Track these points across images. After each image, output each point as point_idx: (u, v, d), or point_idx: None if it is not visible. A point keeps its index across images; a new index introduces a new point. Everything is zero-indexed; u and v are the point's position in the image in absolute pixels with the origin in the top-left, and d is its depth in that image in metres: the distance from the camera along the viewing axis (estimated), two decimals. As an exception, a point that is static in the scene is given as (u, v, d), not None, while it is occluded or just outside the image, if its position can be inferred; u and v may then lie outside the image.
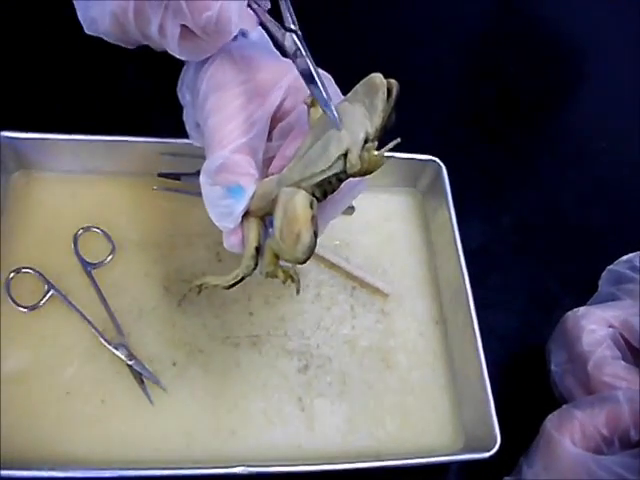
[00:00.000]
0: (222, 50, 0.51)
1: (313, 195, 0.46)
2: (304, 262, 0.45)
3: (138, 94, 0.81)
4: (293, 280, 0.51)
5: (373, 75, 0.46)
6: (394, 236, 0.75)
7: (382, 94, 0.45)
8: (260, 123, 0.50)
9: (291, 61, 0.48)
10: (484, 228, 0.79)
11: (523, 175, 0.89)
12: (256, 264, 0.49)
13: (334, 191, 0.47)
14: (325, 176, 0.45)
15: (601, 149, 0.94)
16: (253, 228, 0.49)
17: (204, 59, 0.51)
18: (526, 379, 0.70)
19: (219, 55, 0.51)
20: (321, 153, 0.46)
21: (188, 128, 0.57)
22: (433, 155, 0.75)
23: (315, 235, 0.45)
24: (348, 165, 0.45)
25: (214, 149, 0.49)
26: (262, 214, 0.49)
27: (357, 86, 0.47)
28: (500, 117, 0.94)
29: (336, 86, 0.51)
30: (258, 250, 0.49)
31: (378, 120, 0.45)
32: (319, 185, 0.46)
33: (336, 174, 0.46)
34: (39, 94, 0.78)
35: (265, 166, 0.51)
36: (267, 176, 0.50)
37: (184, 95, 0.55)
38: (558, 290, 0.78)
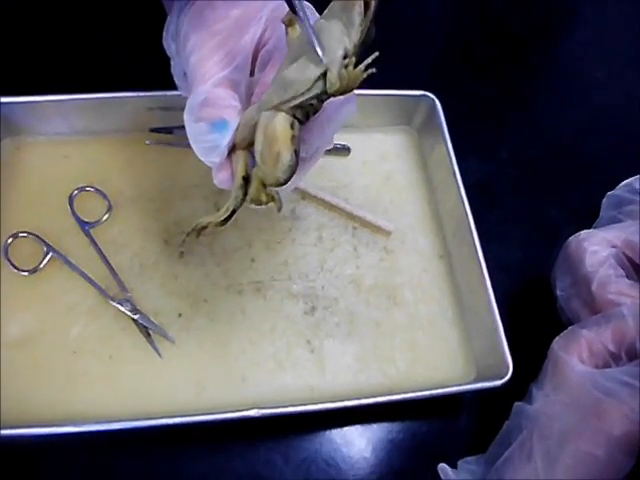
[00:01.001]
0: None
1: (294, 117, 0.45)
2: (285, 182, 0.44)
3: (123, 49, 0.80)
4: (274, 200, 0.49)
5: None
6: (392, 175, 0.75)
7: (359, 7, 0.43)
8: (240, 56, 0.49)
9: None
10: (481, 163, 0.79)
11: (518, 109, 0.88)
12: (245, 194, 0.48)
13: (317, 112, 0.46)
14: (305, 98, 0.44)
15: (595, 79, 0.93)
16: (240, 160, 0.48)
17: (185, 2, 0.50)
18: (533, 308, 0.70)
19: None
20: (299, 75, 0.44)
21: (176, 79, 0.55)
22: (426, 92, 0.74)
23: (296, 154, 0.43)
24: (328, 85, 0.43)
25: (196, 85, 0.48)
26: (247, 144, 0.47)
27: (333, 2, 0.45)
28: (491, 51, 0.93)
29: (317, 15, 0.50)
30: (247, 180, 0.48)
31: (356, 36, 0.43)
32: (300, 107, 0.45)
33: (317, 95, 0.44)
34: (20, 56, 0.76)
35: (248, 101, 0.50)
36: None
37: (169, 45, 0.54)
38: (560, 220, 0.77)
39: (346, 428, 0.62)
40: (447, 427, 0.63)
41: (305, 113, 0.45)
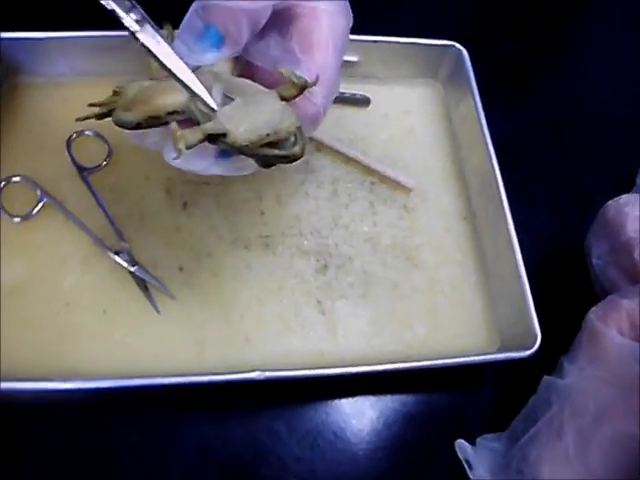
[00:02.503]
0: None
1: None
2: None
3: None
4: None
5: None
6: (414, 129, 0.70)
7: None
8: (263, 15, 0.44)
9: None
10: (509, 123, 0.73)
11: (550, 71, 0.83)
12: None
13: None
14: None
15: (630, 43, 0.87)
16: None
17: None
18: (562, 276, 0.66)
19: None
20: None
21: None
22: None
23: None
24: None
25: None
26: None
27: None
28: (524, 11, 0.88)
29: None
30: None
31: None
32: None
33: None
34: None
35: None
36: None
37: None
38: (592, 186, 0.72)
39: (357, 397, 0.58)
40: (466, 400, 0.59)
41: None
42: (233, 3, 0.43)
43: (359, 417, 0.57)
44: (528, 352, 0.54)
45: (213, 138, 0.41)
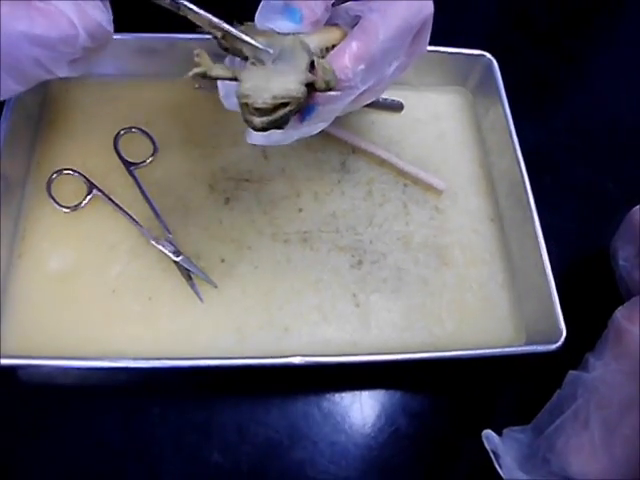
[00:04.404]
0: None
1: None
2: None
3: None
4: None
5: None
6: (445, 134, 0.72)
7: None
8: None
9: None
10: (536, 130, 0.75)
11: (575, 79, 0.85)
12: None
13: None
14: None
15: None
16: None
17: None
18: (586, 278, 0.67)
19: None
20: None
21: None
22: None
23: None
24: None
25: None
26: None
27: None
28: (552, 18, 0.90)
29: None
30: None
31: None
32: None
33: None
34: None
35: None
36: None
37: None
38: (616, 192, 0.74)
39: (387, 387, 0.60)
40: (493, 394, 0.61)
41: None
42: None
43: (389, 406, 0.59)
44: (554, 346, 0.56)
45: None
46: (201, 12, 0.44)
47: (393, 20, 0.47)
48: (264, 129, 0.44)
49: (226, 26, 0.45)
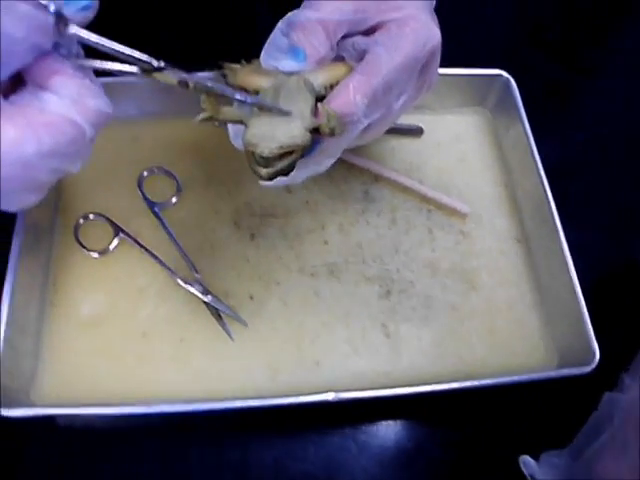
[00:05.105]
0: None
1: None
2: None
3: (197, 31, 0.79)
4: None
5: None
6: (466, 156, 0.72)
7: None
8: (357, 24, 0.49)
9: None
10: (556, 146, 0.75)
11: (594, 93, 0.85)
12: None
13: None
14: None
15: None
16: None
17: None
18: (617, 295, 0.67)
19: None
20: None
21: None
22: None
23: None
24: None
25: (310, 7, 0.48)
26: None
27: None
28: (565, 31, 0.89)
29: None
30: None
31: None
32: None
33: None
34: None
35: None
36: None
37: None
38: (641, 206, 0.73)
39: (421, 416, 0.60)
40: (526, 417, 0.61)
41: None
42: (314, 22, 0.47)
43: (423, 435, 0.59)
44: (588, 368, 0.56)
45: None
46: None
47: (398, 53, 0.48)
48: (270, 179, 0.45)
49: (209, 83, 0.45)
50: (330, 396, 0.53)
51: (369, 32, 0.50)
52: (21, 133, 0.37)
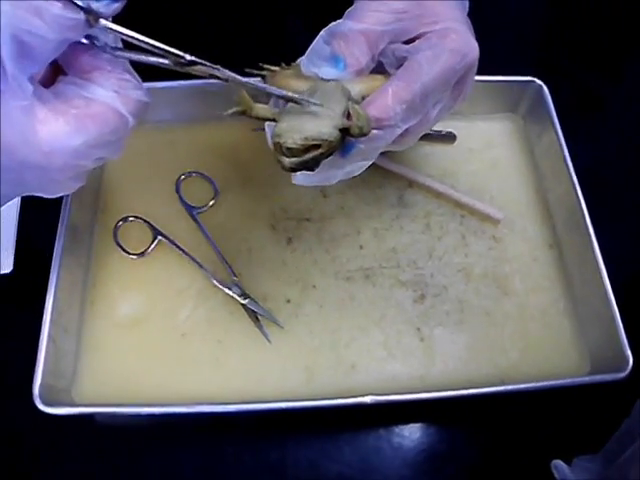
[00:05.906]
0: None
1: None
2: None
3: (236, 36, 0.80)
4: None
5: None
6: (498, 162, 0.73)
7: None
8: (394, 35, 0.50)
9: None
10: (589, 152, 0.75)
11: (626, 96, 0.85)
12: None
13: None
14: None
15: None
16: None
17: None
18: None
19: None
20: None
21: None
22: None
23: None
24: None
25: (353, 18, 0.49)
26: None
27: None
28: (597, 38, 0.89)
29: None
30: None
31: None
32: None
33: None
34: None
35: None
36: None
37: None
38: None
39: (454, 419, 0.61)
40: (559, 422, 0.61)
41: None
42: (356, 33, 0.48)
43: (456, 438, 0.60)
44: (622, 374, 0.56)
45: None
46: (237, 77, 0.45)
47: (438, 63, 0.48)
48: (293, 170, 0.46)
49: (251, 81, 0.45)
50: (368, 399, 0.54)
51: (409, 42, 0.51)
52: (71, 125, 0.38)
